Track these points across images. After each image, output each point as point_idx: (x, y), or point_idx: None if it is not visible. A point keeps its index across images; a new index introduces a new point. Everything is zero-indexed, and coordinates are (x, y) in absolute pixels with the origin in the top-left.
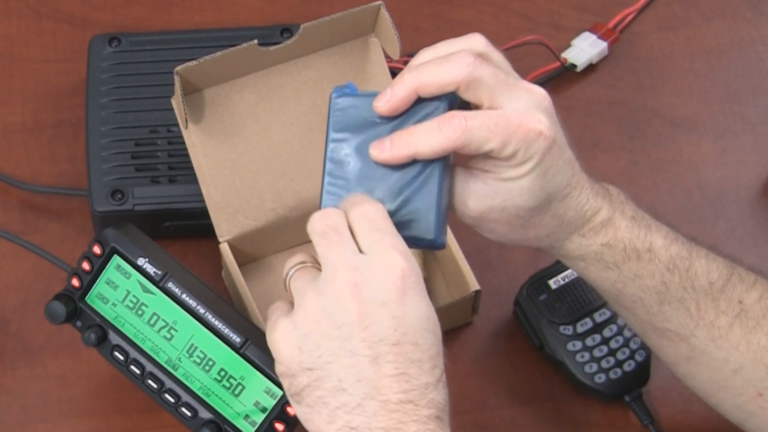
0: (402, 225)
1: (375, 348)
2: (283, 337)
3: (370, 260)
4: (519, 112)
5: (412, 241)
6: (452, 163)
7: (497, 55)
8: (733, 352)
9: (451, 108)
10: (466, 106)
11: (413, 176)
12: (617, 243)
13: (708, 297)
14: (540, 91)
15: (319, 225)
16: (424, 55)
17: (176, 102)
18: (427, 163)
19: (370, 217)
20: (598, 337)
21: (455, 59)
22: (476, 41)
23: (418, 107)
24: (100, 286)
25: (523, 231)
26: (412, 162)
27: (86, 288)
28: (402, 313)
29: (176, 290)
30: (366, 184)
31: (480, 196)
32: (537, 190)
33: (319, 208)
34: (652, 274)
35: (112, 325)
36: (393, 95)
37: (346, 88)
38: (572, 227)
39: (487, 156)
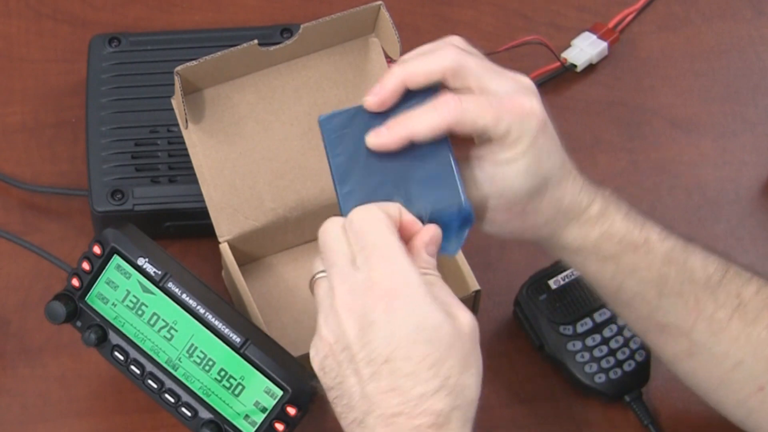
0: (428, 203)
1: (372, 366)
2: (312, 358)
3: (360, 278)
4: (509, 93)
5: (441, 218)
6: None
7: (477, 53)
8: (733, 345)
9: None
10: None
11: (424, 162)
12: (614, 234)
13: (706, 290)
14: (526, 79)
15: (320, 240)
16: (409, 55)
17: (176, 102)
18: (433, 146)
19: (360, 230)
20: (598, 337)
21: (440, 49)
22: (456, 40)
23: (406, 103)
24: (100, 286)
25: (521, 219)
26: (419, 152)
27: (86, 288)
28: (389, 331)
29: (176, 290)
30: (382, 192)
31: (477, 184)
32: (533, 172)
33: None
34: (649, 267)
35: (112, 325)
36: (382, 88)
37: (329, 115)
38: (569, 216)
39: (482, 141)
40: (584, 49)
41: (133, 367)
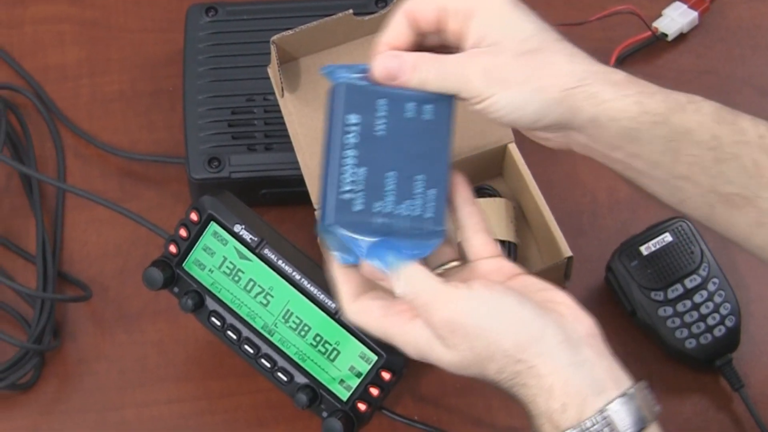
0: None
1: None
2: None
3: None
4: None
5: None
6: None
7: None
8: None
9: None
10: None
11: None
12: (654, 93)
13: (762, 152)
14: None
15: None
16: None
17: (272, 71)
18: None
19: None
20: (688, 303)
21: None
22: None
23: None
24: (197, 253)
25: (534, 72)
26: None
27: (183, 254)
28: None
29: (272, 256)
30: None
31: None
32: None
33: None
34: (701, 127)
35: (209, 291)
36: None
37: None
38: (591, 71)
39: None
40: (675, 19)
41: (229, 332)
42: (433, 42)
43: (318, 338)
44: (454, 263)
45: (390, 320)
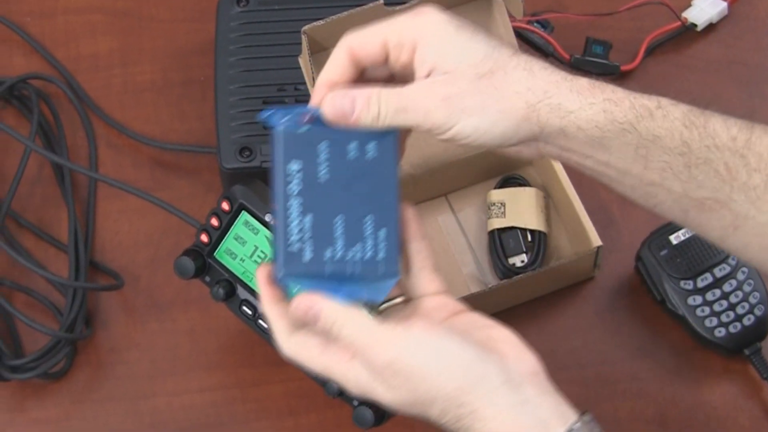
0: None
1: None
2: None
3: None
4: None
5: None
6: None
7: None
8: None
9: None
10: None
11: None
12: (622, 100)
13: (734, 155)
14: None
15: None
16: None
17: (303, 61)
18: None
19: None
20: (718, 292)
21: None
22: None
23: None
24: (228, 242)
25: (494, 94)
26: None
27: (215, 243)
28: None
29: None
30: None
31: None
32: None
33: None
34: (670, 133)
35: (240, 280)
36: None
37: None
38: (552, 81)
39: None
40: (704, 9)
41: (261, 321)
42: (376, 75)
43: None
44: (398, 299)
45: (329, 357)
